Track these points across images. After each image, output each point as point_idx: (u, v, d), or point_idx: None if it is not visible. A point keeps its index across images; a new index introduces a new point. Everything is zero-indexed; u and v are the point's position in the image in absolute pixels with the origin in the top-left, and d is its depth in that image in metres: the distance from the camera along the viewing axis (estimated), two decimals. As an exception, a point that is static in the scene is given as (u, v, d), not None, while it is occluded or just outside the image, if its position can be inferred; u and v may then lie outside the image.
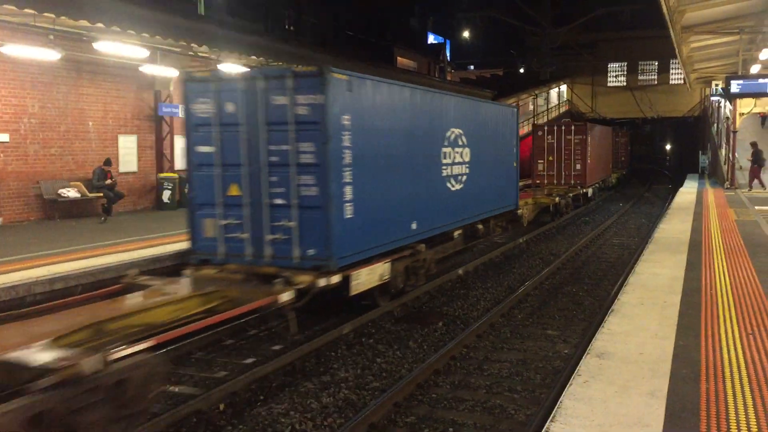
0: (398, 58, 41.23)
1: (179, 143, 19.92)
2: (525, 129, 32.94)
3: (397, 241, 10.26)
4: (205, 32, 16.12)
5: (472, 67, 57.13)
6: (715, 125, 34.08)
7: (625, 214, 25.90)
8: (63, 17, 13.17)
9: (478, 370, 8.07)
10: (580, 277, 13.65)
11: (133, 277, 8.62)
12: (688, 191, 24.68)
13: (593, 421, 4.38)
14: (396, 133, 10.14)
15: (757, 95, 23.33)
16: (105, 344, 5.63)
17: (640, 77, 46.93)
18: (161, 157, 19.23)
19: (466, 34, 51.21)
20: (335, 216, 8.48)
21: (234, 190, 8.90)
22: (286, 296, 7.85)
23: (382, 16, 40.31)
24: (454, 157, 12.41)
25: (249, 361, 8.21)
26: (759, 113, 32.41)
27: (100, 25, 13.62)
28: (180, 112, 19.26)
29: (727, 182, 24.82)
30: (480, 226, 14.27)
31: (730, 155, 25.63)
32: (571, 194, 24.39)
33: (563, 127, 26.44)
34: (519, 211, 17.17)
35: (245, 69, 14.40)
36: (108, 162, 16.07)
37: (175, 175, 18.85)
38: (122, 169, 17.64)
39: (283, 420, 6.56)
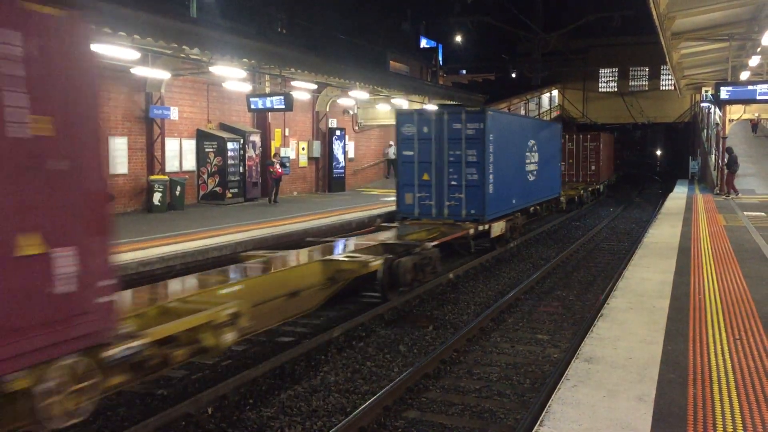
0: (391, 62, 41.29)
1: (171, 145, 19.86)
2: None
3: (508, 209, 17.01)
4: (198, 35, 16.07)
5: (464, 71, 57.26)
6: (705, 131, 34.32)
7: (616, 218, 26.02)
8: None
9: (468, 374, 8.08)
10: (570, 281, 13.70)
11: (378, 223, 16.66)
12: (678, 196, 24.82)
13: (581, 426, 4.39)
14: (510, 143, 16.95)
15: (746, 102, 23.48)
16: (423, 241, 12.46)
17: (630, 83, 47.23)
18: (152, 160, 19.16)
19: (458, 38, 51.35)
20: (486, 191, 15.09)
21: (425, 177, 15.45)
22: (471, 231, 14.78)
23: (375, 20, 40.36)
24: (531, 159, 19.09)
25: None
26: (750, 120, 32.69)
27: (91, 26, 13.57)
28: (172, 114, 19.21)
29: (717, 188, 24.98)
30: (538, 207, 21.21)
31: (720, 161, 25.79)
32: (590, 188, 31.13)
33: (581, 135, 32.89)
34: (561, 198, 24.19)
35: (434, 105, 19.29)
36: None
37: (166, 177, 18.79)
38: (112, 171, 17.56)
39: (272, 424, 6.54)
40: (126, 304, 6.55)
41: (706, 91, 32.78)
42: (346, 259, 10.24)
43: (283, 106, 20.14)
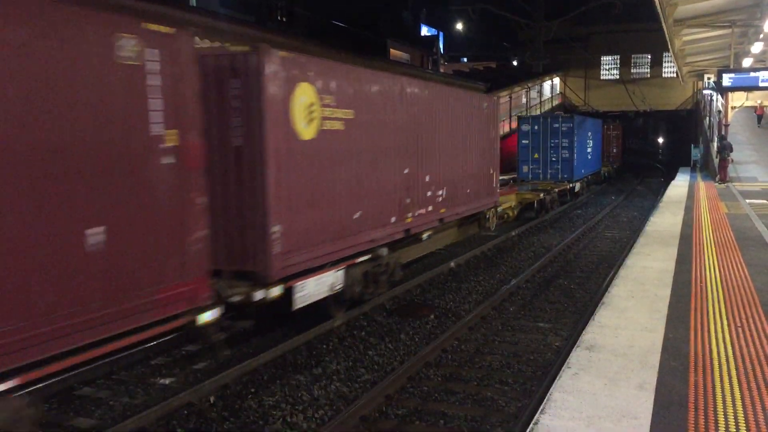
0: (391, 50, 41.12)
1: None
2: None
3: (581, 175, 27.34)
4: (195, 24, 15.97)
5: (465, 59, 57.01)
6: (708, 119, 34.18)
7: (618, 207, 25.99)
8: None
9: (469, 362, 8.09)
10: (571, 270, 13.70)
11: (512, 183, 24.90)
12: (680, 184, 24.76)
13: (582, 413, 4.40)
14: (581, 135, 26.59)
15: (748, 89, 23.37)
16: (550, 189, 23.30)
17: (632, 70, 46.94)
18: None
19: (459, 26, 51.07)
20: (573, 164, 25.06)
21: (535, 156, 24.90)
22: (568, 186, 25.29)
23: (375, 7, 40.15)
24: (589, 144, 29.60)
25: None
26: (755, 110, 32.53)
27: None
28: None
29: (718, 176, 24.92)
30: (590, 177, 30.91)
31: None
32: (614, 165, 40.67)
33: (610, 125, 40.25)
34: (602, 170, 35.52)
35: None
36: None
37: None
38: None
39: (274, 412, 6.56)
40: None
41: (709, 79, 32.58)
42: (525, 193, 21.44)
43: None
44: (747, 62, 26.42)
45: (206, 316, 6.49)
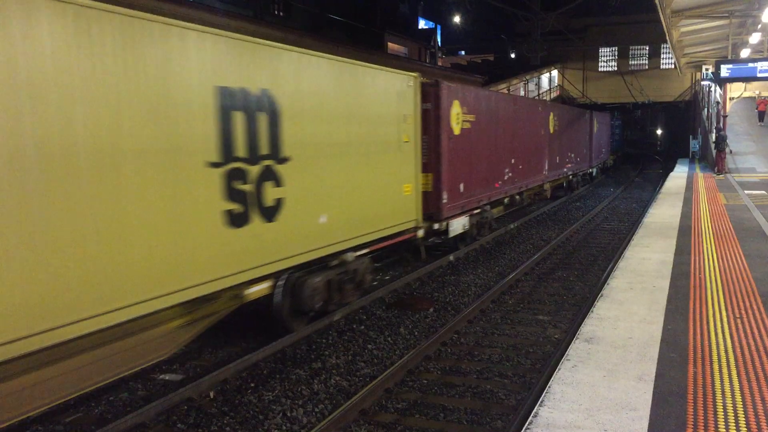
0: (389, 43, 41.03)
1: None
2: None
3: (602, 159, 35.46)
4: (191, 18, 15.94)
5: (463, 52, 56.89)
6: (706, 110, 34.16)
7: (616, 198, 25.99)
8: None
9: (468, 355, 8.09)
10: (570, 262, 13.70)
11: None
12: (678, 176, 24.77)
13: (581, 405, 4.40)
14: (602, 129, 34.60)
15: (746, 79, 23.37)
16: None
17: (631, 62, 46.91)
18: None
19: (456, 19, 50.93)
20: (592, 153, 31.17)
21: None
22: (588, 170, 30.78)
23: (373, 1, 40.02)
24: (601, 137, 33.99)
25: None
26: (757, 106, 32.49)
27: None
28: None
29: (717, 167, 24.92)
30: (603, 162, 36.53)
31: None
32: (619, 153, 44.55)
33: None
34: (609, 159, 39.39)
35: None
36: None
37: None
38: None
39: (274, 407, 6.57)
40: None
41: (707, 70, 32.55)
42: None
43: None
44: (745, 53, 26.39)
45: (420, 232, 11.88)
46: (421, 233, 11.80)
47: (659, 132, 59.76)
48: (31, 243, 4.83)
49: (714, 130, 24.41)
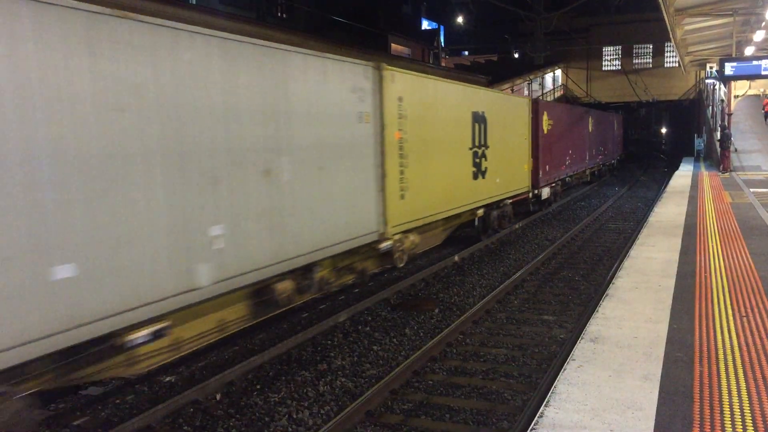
0: (392, 45, 41.03)
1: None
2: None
3: (617, 156, 39.39)
4: (194, 21, 15.97)
5: (466, 52, 56.89)
6: (710, 108, 34.06)
7: (621, 198, 25.94)
8: None
9: (474, 356, 8.09)
10: (575, 262, 13.68)
11: None
12: (683, 174, 24.70)
13: (587, 405, 4.40)
14: (619, 128, 39.67)
15: (751, 77, 23.31)
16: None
17: (634, 61, 46.79)
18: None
19: (459, 19, 50.98)
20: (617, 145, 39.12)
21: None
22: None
23: (376, 2, 40.04)
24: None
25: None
26: (763, 107, 32.39)
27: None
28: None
29: (722, 166, 24.85)
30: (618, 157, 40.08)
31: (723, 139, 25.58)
32: (624, 152, 43.93)
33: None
34: (620, 156, 41.00)
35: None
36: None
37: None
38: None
39: (280, 409, 6.58)
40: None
41: (711, 68, 32.48)
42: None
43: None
44: (749, 51, 26.31)
45: (530, 194, 18.42)
46: (531, 195, 18.61)
47: (664, 131, 59.62)
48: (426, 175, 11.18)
49: (719, 129, 24.34)
